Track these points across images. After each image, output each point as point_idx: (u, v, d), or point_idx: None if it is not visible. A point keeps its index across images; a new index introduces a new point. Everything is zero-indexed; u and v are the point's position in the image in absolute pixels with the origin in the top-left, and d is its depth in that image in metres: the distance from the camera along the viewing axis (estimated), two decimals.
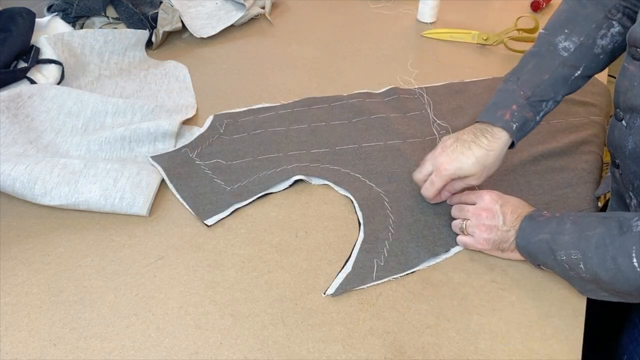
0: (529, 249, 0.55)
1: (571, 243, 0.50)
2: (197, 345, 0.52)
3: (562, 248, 0.51)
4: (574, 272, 0.51)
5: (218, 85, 0.93)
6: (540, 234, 0.54)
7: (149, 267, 0.60)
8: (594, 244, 0.48)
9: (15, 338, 0.52)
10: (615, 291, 0.49)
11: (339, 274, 0.59)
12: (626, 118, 0.55)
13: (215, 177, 0.72)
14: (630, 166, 0.56)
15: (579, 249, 0.49)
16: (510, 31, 1.07)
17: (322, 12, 1.23)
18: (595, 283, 0.50)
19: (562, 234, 0.51)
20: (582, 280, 0.51)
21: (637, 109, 0.52)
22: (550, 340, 0.53)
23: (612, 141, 0.58)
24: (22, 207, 0.67)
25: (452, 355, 0.51)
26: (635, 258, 0.45)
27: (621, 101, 0.55)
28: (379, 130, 0.81)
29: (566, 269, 0.52)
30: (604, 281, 0.48)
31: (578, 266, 0.50)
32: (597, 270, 0.48)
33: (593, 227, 0.50)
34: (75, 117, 0.79)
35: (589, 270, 0.49)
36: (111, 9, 1.01)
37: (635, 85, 0.52)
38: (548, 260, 0.53)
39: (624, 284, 0.47)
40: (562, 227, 0.52)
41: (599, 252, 0.48)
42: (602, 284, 0.49)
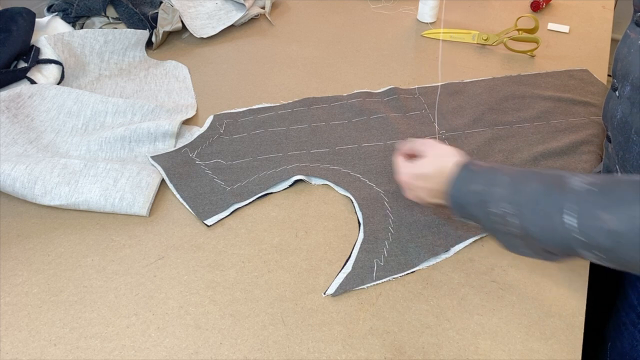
0: (460, 201, 0.53)
1: (505, 196, 0.48)
2: (197, 345, 0.52)
3: (494, 200, 0.49)
4: (503, 226, 0.49)
5: (218, 85, 0.93)
6: (473, 184, 0.52)
7: (149, 267, 0.60)
8: (528, 198, 0.47)
9: (15, 338, 0.52)
10: (541, 249, 0.48)
11: (338, 274, 0.59)
12: (619, 87, 0.55)
13: (215, 177, 0.72)
14: (617, 137, 0.56)
15: (513, 202, 0.48)
16: (510, 31, 1.07)
17: (322, 12, 1.23)
18: (522, 239, 0.49)
19: (496, 186, 0.50)
20: (510, 235, 0.49)
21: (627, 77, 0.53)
22: (550, 340, 0.53)
23: (606, 112, 0.59)
24: (22, 207, 0.67)
25: (452, 355, 0.51)
26: (570, 217, 0.43)
27: (618, 68, 0.55)
28: (379, 130, 0.81)
29: (496, 222, 0.50)
30: (533, 237, 0.47)
31: (509, 220, 0.48)
32: (527, 225, 0.46)
33: (529, 181, 0.48)
34: (75, 117, 0.79)
35: (520, 224, 0.47)
36: (111, 9, 1.01)
37: (632, 52, 0.52)
38: (479, 212, 0.51)
39: (552, 241, 0.45)
40: (497, 178, 0.50)
41: (532, 207, 0.46)
42: (529, 240, 0.48)
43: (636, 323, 0.60)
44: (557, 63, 1.01)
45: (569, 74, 0.97)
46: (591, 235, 0.42)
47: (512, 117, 0.85)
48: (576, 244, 0.43)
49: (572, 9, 1.24)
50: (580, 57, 1.04)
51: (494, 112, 0.86)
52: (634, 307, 0.60)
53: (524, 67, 1.00)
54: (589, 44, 1.09)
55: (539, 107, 0.87)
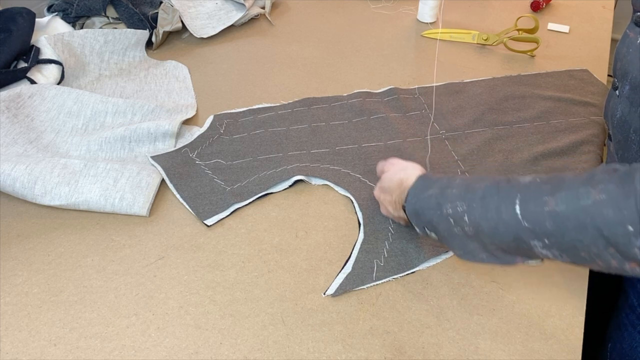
0: (417, 207, 0.54)
1: (458, 195, 0.50)
2: (197, 345, 0.52)
3: (449, 200, 0.50)
4: (457, 228, 0.50)
5: (218, 85, 0.93)
6: (429, 189, 0.53)
7: (149, 267, 0.60)
8: (480, 195, 0.48)
9: (15, 338, 0.52)
10: (495, 247, 0.48)
11: (339, 274, 0.59)
12: (619, 87, 0.55)
13: (215, 177, 0.72)
14: (617, 135, 0.56)
15: (465, 200, 0.49)
16: (510, 31, 1.07)
17: (322, 12, 1.23)
18: (477, 239, 0.49)
19: (451, 188, 0.51)
20: (464, 237, 0.50)
21: (626, 76, 0.53)
22: (550, 340, 0.53)
23: (607, 111, 0.59)
24: (22, 207, 0.67)
25: (452, 355, 0.51)
26: (519, 206, 0.44)
27: (617, 68, 0.56)
28: (379, 130, 0.81)
29: (451, 224, 0.50)
30: (485, 233, 0.47)
31: (462, 219, 0.49)
32: (479, 220, 0.47)
33: (481, 181, 0.49)
34: (75, 117, 0.79)
35: (472, 221, 0.48)
36: (111, 9, 1.01)
37: (631, 52, 0.52)
38: (434, 215, 0.52)
39: (503, 234, 0.46)
40: (452, 182, 0.52)
41: (483, 202, 0.47)
42: (483, 237, 0.48)
43: (636, 324, 0.60)
44: (557, 63, 1.01)
45: (569, 74, 0.97)
46: (535, 221, 0.43)
47: (512, 117, 0.85)
48: (524, 233, 0.44)
49: (572, 9, 1.24)
50: (580, 57, 1.04)
51: (494, 112, 0.86)
52: (634, 308, 0.60)
53: (524, 67, 1.00)
54: (589, 44, 1.09)
55: (539, 107, 0.87)
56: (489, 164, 0.75)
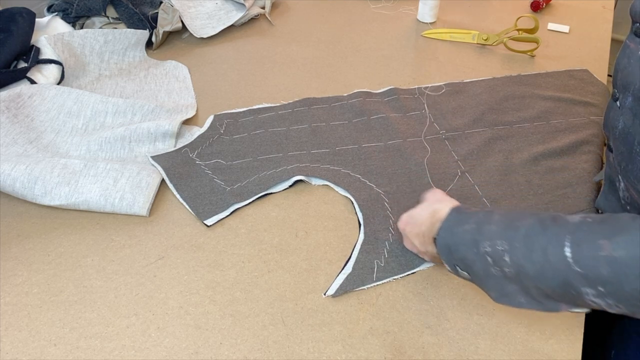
0: (449, 242, 0.50)
1: (498, 233, 0.46)
2: (197, 345, 0.52)
3: (487, 238, 0.46)
4: (496, 268, 0.46)
5: (218, 85, 0.93)
6: (465, 224, 0.49)
7: (149, 267, 0.60)
8: (523, 234, 0.44)
9: (15, 338, 0.52)
10: (538, 291, 0.45)
11: (339, 274, 0.59)
12: (620, 98, 0.54)
13: (215, 177, 0.72)
14: (619, 147, 0.55)
15: (506, 238, 0.45)
16: (510, 31, 1.07)
17: (322, 12, 1.23)
18: (517, 281, 0.45)
19: (489, 224, 0.47)
20: (503, 278, 0.46)
21: (628, 87, 0.52)
22: (550, 340, 0.53)
23: (607, 122, 0.58)
24: (22, 207, 0.67)
25: (452, 355, 0.51)
26: (569, 247, 0.41)
27: (618, 79, 0.54)
28: (379, 130, 0.81)
29: (488, 263, 0.46)
30: (529, 275, 0.44)
31: (502, 258, 0.45)
32: (523, 262, 0.44)
33: (524, 218, 0.46)
34: (75, 117, 0.79)
35: (514, 262, 0.44)
36: (111, 9, 1.01)
37: (632, 63, 0.51)
38: (469, 252, 0.48)
39: (549, 279, 0.42)
40: (490, 217, 0.48)
41: (527, 242, 0.43)
42: (525, 279, 0.44)
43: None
44: (557, 63, 1.01)
45: (569, 74, 0.97)
46: (589, 266, 0.40)
47: (512, 117, 0.85)
48: (574, 279, 0.41)
49: (572, 9, 1.24)
50: (580, 57, 1.04)
51: (494, 112, 0.86)
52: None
53: (524, 67, 1.00)
54: (589, 44, 1.09)
55: (539, 107, 0.87)
56: (489, 163, 0.75)
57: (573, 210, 0.67)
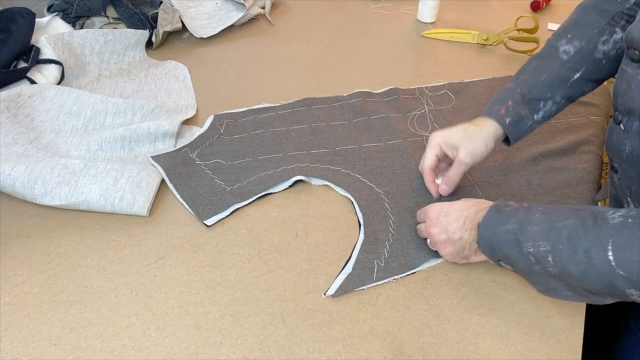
0: (492, 241, 0.52)
1: (540, 234, 0.47)
2: (197, 345, 0.52)
3: (530, 239, 0.48)
4: (539, 266, 0.48)
5: (218, 85, 0.93)
6: (506, 224, 0.50)
7: (149, 267, 0.60)
8: (566, 236, 0.45)
9: (15, 338, 0.52)
10: (583, 288, 0.46)
11: (339, 274, 0.59)
12: (624, 121, 0.54)
13: (215, 177, 0.72)
14: (628, 170, 0.55)
15: (549, 240, 0.46)
16: (510, 31, 1.07)
17: (322, 12, 1.23)
18: (561, 279, 0.47)
19: (531, 224, 0.48)
20: (547, 275, 0.48)
21: (634, 112, 0.51)
22: (550, 340, 0.53)
23: (611, 145, 0.57)
24: (22, 207, 0.67)
25: (452, 355, 0.51)
26: (611, 251, 0.42)
27: (619, 104, 0.54)
28: (380, 130, 0.81)
29: (532, 262, 0.48)
30: (573, 276, 0.45)
31: (546, 259, 0.46)
32: (566, 263, 0.45)
33: (565, 217, 0.47)
34: (75, 117, 0.79)
35: (558, 263, 0.46)
36: (111, 9, 1.01)
37: (633, 88, 0.51)
38: (512, 252, 0.50)
39: (594, 280, 0.44)
40: (531, 217, 0.49)
41: (570, 244, 0.45)
42: (569, 279, 0.46)
43: None
44: None
45: None
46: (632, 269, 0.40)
47: None
48: (619, 281, 0.42)
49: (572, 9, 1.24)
50: None
51: None
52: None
53: None
54: None
55: None
56: (489, 163, 0.75)
57: None
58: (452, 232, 0.56)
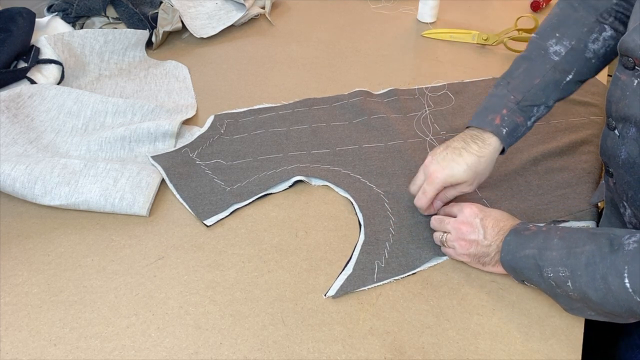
0: (513, 265, 0.53)
1: (559, 260, 0.48)
2: (197, 345, 0.52)
3: (549, 265, 0.49)
4: (561, 290, 0.49)
5: (218, 85, 0.93)
6: (526, 249, 0.52)
7: (149, 267, 0.60)
8: (584, 262, 0.46)
9: (15, 338, 0.52)
10: (604, 312, 0.47)
11: (339, 275, 0.59)
12: (619, 127, 0.54)
13: (215, 178, 0.72)
14: (624, 176, 0.55)
15: (567, 266, 0.48)
16: (510, 31, 1.07)
17: (322, 12, 1.23)
18: (583, 302, 0.48)
19: (550, 250, 0.49)
20: (569, 298, 0.49)
21: (629, 119, 0.51)
22: (550, 340, 0.53)
23: (605, 150, 0.57)
24: (22, 207, 0.67)
25: (452, 355, 0.51)
26: (628, 278, 0.43)
27: (613, 110, 0.54)
28: (380, 131, 0.81)
29: (553, 286, 0.50)
30: (593, 301, 0.46)
31: (566, 284, 0.48)
32: (586, 289, 0.46)
33: (582, 243, 0.48)
34: (75, 117, 0.79)
35: (577, 289, 0.47)
36: (111, 9, 1.01)
37: (628, 95, 0.51)
38: (534, 276, 0.51)
39: (614, 305, 0.45)
40: (550, 242, 0.50)
41: (588, 271, 0.46)
42: (590, 303, 0.47)
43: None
44: None
45: None
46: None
47: None
48: (637, 307, 0.43)
49: None
50: None
51: None
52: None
53: None
54: None
55: None
56: None
57: (573, 210, 0.67)
58: (483, 235, 0.56)
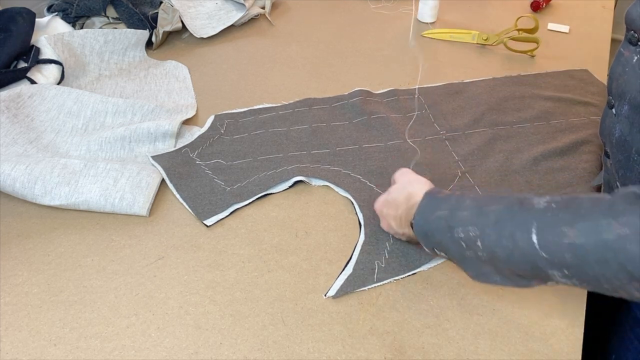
0: (425, 228, 0.52)
1: (470, 219, 0.48)
2: (197, 345, 0.52)
3: (460, 224, 0.48)
4: (470, 252, 0.48)
5: (218, 85, 0.93)
6: (438, 210, 0.51)
7: (149, 267, 0.60)
8: (493, 219, 0.46)
9: (15, 338, 0.52)
10: (511, 272, 0.47)
11: (339, 275, 0.59)
12: (616, 105, 0.54)
13: (215, 178, 0.72)
14: (617, 155, 0.55)
15: (477, 224, 0.47)
16: (510, 31, 1.07)
17: (322, 12, 1.23)
18: (491, 263, 0.47)
19: (461, 210, 0.49)
20: (477, 260, 0.48)
21: (625, 96, 0.51)
22: (550, 340, 0.53)
23: (603, 130, 0.58)
24: (22, 207, 0.67)
25: (452, 355, 0.51)
26: (535, 234, 0.43)
27: (613, 87, 0.54)
28: (380, 130, 0.81)
29: (463, 247, 0.48)
30: (500, 259, 0.46)
31: (475, 244, 0.47)
32: (494, 247, 0.45)
33: (493, 203, 0.47)
34: (75, 117, 0.79)
35: (486, 247, 0.46)
36: (111, 9, 1.01)
37: (627, 71, 0.51)
38: (444, 238, 0.50)
39: (519, 262, 0.44)
40: (462, 203, 0.50)
41: (497, 228, 0.45)
42: (497, 262, 0.46)
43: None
44: (557, 63, 1.01)
45: (569, 74, 0.97)
46: (554, 251, 0.41)
47: (512, 117, 0.85)
48: (542, 263, 0.43)
49: (572, 9, 1.24)
50: (580, 57, 1.04)
51: (494, 112, 0.86)
52: (638, 321, 0.60)
53: (524, 67, 1.00)
54: (589, 44, 1.09)
55: (539, 107, 0.87)
56: (490, 164, 0.75)
57: None
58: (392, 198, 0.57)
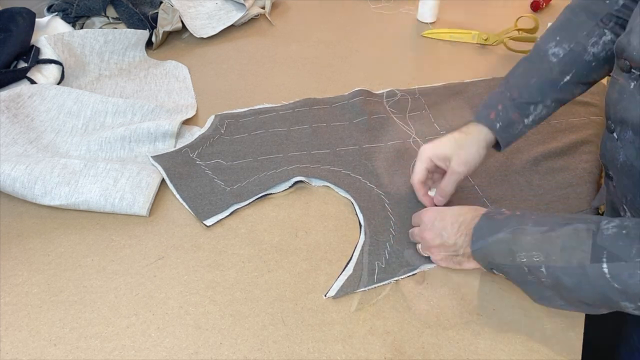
0: (485, 250, 0.51)
1: (533, 244, 0.46)
2: (197, 345, 0.52)
3: (522, 249, 0.47)
4: (532, 277, 0.47)
5: (218, 85, 0.93)
6: (499, 232, 0.50)
7: (149, 267, 0.60)
8: (559, 246, 0.45)
9: (15, 338, 0.52)
10: (576, 299, 0.46)
11: (339, 276, 0.59)
12: (617, 130, 0.53)
13: (215, 178, 0.72)
14: (623, 179, 0.54)
15: (542, 250, 0.46)
16: (510, 31, 1.07)
17: (322, 12, 1.23)
18: (554, 289, 0.47)
19: (524, 234, 0.48)
20: (540, 285, 0.48)
21: (626, 122, 0.51)
22: (550, 340, 0.53)
23: (605, 153, 0.57)
24: (22, 207, 0.67)
25: (452, 355, 0.51)
26: (606, 263, 0.41)
27: (611, 113, 0.54)
28: (380, 131, 0.81)
29: (524, 272, 0.48)
30: (566, 287, 0.45)
31: (539, 269, 0.46)
32: (560, 275, 0.44)
33: (558, 227, 0.46)
34: (75, 117, 0.79)
35: (551, 274, 0.45)
36: (111, 9, 1.01)
37: (625, 98, 0.51)
38: (505, 261, 0.49)
39: (587, 292, 0.43)
40: (524, 226, 0.48)
41: (564, 255, 0.44)
42: (562, 290, 0.46)
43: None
44: None
45: None
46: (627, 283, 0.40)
47: None
48: (613, 294, 0.41)
49: None
50: None
51: None
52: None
53: None
54: None
55: None
56: (490, 164, 0.75)
57: (573, 210, 0.67)
58: (446, 236, 0.56)
